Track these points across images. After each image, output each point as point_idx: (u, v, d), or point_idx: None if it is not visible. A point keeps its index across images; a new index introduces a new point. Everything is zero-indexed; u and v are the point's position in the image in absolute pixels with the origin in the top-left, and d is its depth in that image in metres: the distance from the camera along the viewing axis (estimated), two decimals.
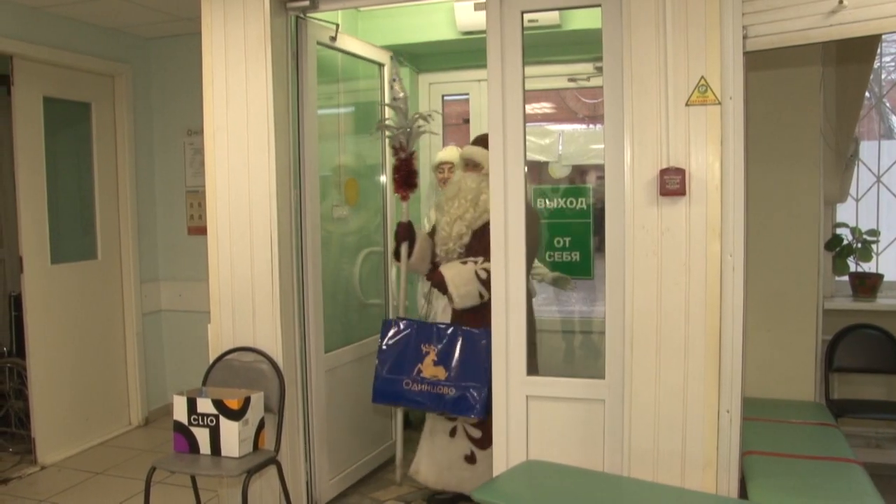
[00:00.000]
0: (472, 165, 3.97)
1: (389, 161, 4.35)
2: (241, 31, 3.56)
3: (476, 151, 3.95)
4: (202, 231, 4.91)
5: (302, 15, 3.71)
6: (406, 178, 4.05)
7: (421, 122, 4.09)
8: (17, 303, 5.36)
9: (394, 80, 4.19)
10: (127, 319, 5.60)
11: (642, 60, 3.03)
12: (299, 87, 3.80)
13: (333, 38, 4.06)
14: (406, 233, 4.02)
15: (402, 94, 4.10)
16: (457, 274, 3.81)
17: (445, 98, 5.46)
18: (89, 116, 5.38)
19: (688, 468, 3.03)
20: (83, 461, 4.95)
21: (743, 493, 3.11)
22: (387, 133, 4.15)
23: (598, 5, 3.21)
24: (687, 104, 2.97)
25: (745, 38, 2.94)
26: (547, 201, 4.66)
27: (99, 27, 5.27)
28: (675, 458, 3.05)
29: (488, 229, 3.41)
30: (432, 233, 4.11)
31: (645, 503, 2.89)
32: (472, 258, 3.86)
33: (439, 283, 3.85)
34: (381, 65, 4.63)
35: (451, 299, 3.82)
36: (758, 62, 3.60)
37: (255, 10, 3.54)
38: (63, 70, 5.08)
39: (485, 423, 3.75)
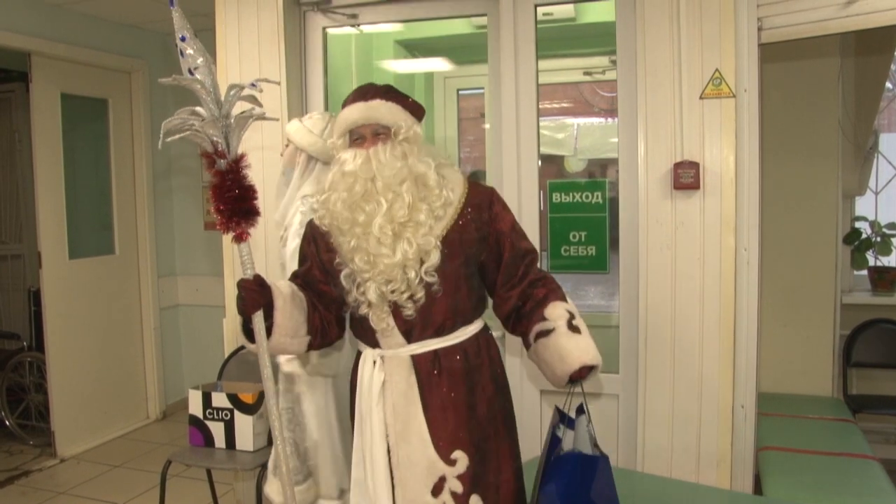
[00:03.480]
0: (370, 135, 2.20)
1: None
2: (255, 26, 3.57)
3: (378, 108, 2.20)
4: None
5: (314, 10, 3.71)
6: (236, 201, 2.13)
7: (240, 99, 2.17)
8: (36, 297, 5.42)
9: (182, 39, 2.28)
10: (144, 314, 5.64)
11: (656, 53, 3.01)
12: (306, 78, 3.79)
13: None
14: (257, 296, 2.11)
15: (199, 61, 2.25)
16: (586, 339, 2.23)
17: (460, 93, 5.44)
18: (106, 112, 5.41)
19: (702, 464, 3.01)
20: (101, 454, 4.99)
21: (758, 489, 3.10)
22: (179, 134, 2.31)
23: None
24: (701, 97, 2.95)
25: (760, 29, 2.92)
26: (562, 195, 4.64)
27: (115, 23, 5.30)
28: (690, 453, 3.04)
29: (467, 226, 2.21)
30: (306, 275, 2.33)
31: (659, 498, 2.88)
32: (509, 292, 2.29)
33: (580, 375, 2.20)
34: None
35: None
36: (773, 54, 3.56)
37: (269, 5, 3.54)
38: (80, 67, 5.11)
39: None
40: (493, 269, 2.27)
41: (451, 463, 2.17)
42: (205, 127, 2.18)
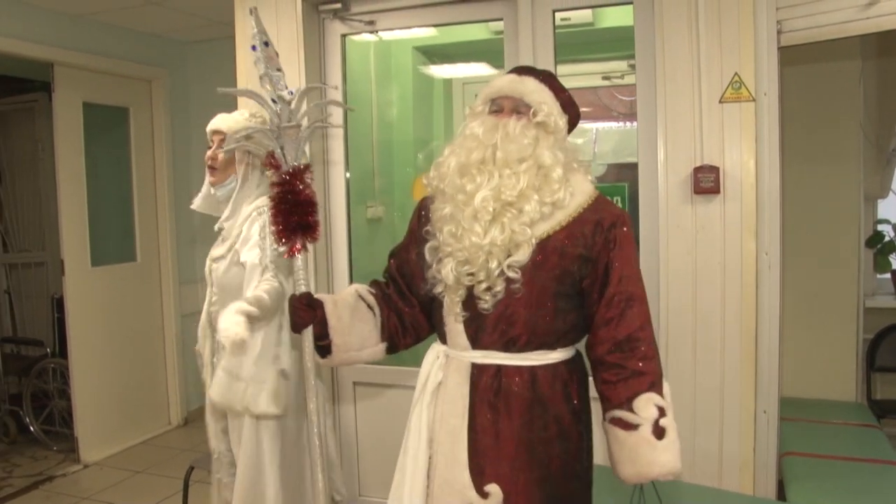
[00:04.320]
0: (510, 109, 2.04)
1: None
2: (274, 33, 3.59)
3: (526, 84, 2.05)
4: None
5: (332, 17, 3.72)
6: (289, 214, 2.08)
7: (300, 104, 2.15)
8: (59, 304, 5.47)
9: (253, 49, 2.17)
10: (166, 321, 5.69)
11: (675, 57, 3.01)
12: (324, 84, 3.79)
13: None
14: (304, 314, 2.09)
15: (261, 71, 2.16)
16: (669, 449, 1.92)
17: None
18: (127, 121, 5.46)
19: (725, 468, 3.00)
20: (124, 460, 5.03)
21: (781, 494, 3.07)
22: (241, 140, 2.45)
23: (630, 2, 3.19)
24: (720, 101, 2.94)
25: (779, 32, 2.90)
26: None
27: (136, 33, 5.35)
28: (712, 458, 3.02)
29: (573, 238, 1.97)
30: (398, 254, 2.24)
31: (681, 503, 2.87)
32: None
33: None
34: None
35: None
36: (794, 57, 3.55)
37: (288, 14, 3.57)
38: (102, 76, 5.17)
39: None
40: (595, 300, 1.98)
41: (484, 496, 1.95)
42: (262, 137, 2.15)
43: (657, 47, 3.04)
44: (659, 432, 1.88)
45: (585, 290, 1.98)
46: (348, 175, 3.76)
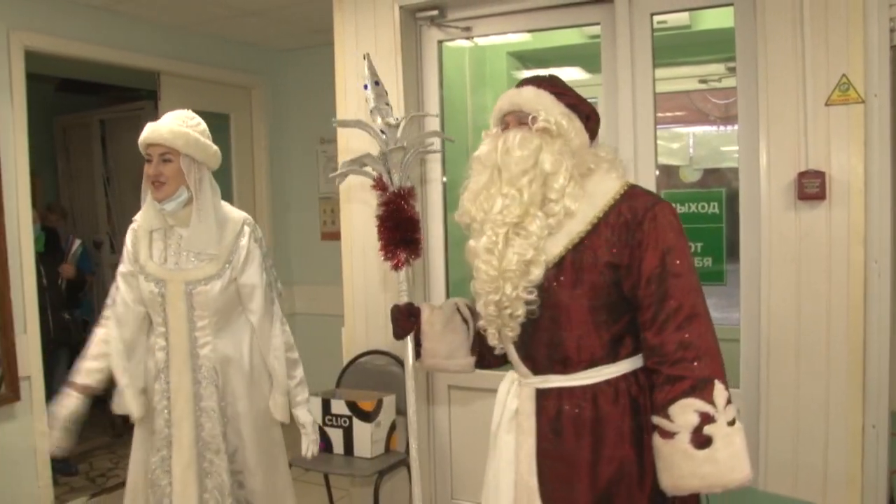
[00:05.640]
0: (515, 123, 1.99)
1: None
2: (372, 41, 3.66)
3: (523, 94, 1.99)
4: (335, 237, 5.05)
5: (429, 24, 3.77)
6: (394, 231, 2.26)
7: (405, 129, 2.34)
8: None
9: (365, 88, 2.39)
10: None
11: (778, 59, 2.92)
12: (422, 91, 3.83)
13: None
14: (405, 323, 2.25)
15: (372, 105, 2.36)
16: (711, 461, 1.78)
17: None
18: (228, 127, 5.65)
19: (830, 484, 2.89)
20: None
21: None
22: (354, 167, 2.36)
23: (731, 4, 3.12)
24: (827, 104, 2.84)
25: (892, 31, 2.80)
26: (678, 206, 4.55)
27: (237, 42, 5.55)
28: (816, 473, 2.92)
29: (597, 247, 1.88)
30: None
31: None
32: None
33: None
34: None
35: None
36: None
37: (386, 22, 3.63)
38: (205, 84, 5.36)
39: None
40: (636, 304, 1.88)
41: None
42: (371, 163, 2.30)
43: (759, 48, 2.96)
44: (700, 441, 1.76)
45: (627, 294, 1.88)
46: (445, 179, 3.79)
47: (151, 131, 2.65)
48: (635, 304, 1.87)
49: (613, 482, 1.87)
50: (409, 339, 2.27)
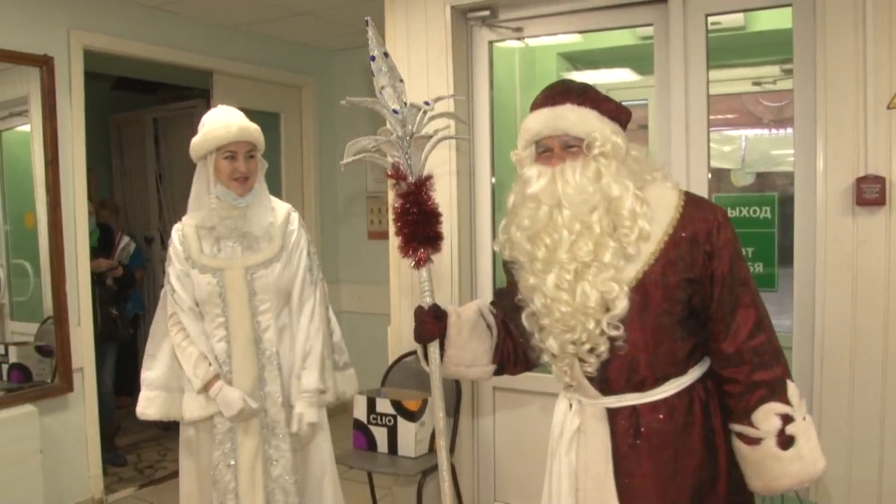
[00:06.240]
0: (559, 147, 1.87)
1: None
2: (423, 41, 3.66)
3: (566, 116, 1.86)
4: (382, 236, 5.08)
5: (480, 24, 3.76)
6: (416, 226, 2.04)
7: (427, 117, 2.08)
8: None
9: (372, 59, 2.16)
10: None
11: (838, 61, 2.85)
12: (472, 91, 3.81)
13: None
14: (431, 327, 2.05)
15: (384, 81, 2.14)
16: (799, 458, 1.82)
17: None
18: (279, 125, 5.72)
19: (885, 499, 2.81)
20: None
21: None
22: (358, 155, 2.14)
23: (789, 4, 3.05)
24: (889, 107, 2.77)
25: None
26: (729, 210, 4.48)
27: (288, 42, 5.61)
28: (871, 486, 2.84)
29: (671, 265, 1.83)
30: (506, 296, 2.12)
31: None
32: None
33: None
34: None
35: None
36: None
37: (437, 22, 3.63)
38: (256, 83, 5.43)
39: None
40: (710, 317, 1.87)
41: None
42: (387, 148, 2.06)
43: (818, 50, 2.89)
44: (785, 442, 1.79)
45: (697, 307, 1.86)
46: (493, 180, 3.78)
47: (241, 129, 2.73)
48: (706, 315, 1.86)
49: (695, 489, 1.87)
50: (435, 345, 2.05)
